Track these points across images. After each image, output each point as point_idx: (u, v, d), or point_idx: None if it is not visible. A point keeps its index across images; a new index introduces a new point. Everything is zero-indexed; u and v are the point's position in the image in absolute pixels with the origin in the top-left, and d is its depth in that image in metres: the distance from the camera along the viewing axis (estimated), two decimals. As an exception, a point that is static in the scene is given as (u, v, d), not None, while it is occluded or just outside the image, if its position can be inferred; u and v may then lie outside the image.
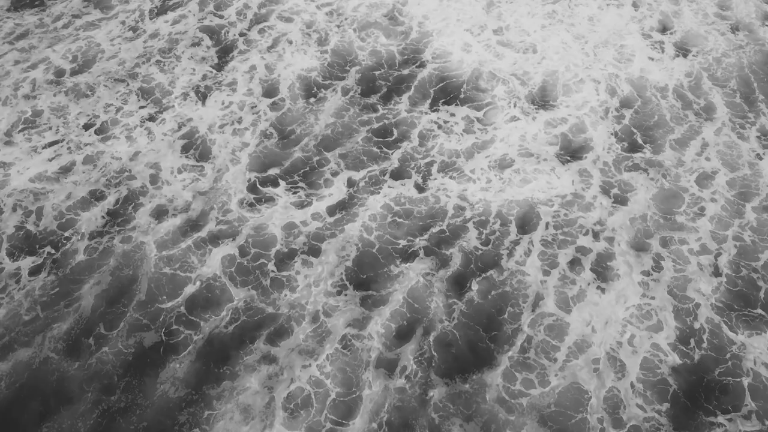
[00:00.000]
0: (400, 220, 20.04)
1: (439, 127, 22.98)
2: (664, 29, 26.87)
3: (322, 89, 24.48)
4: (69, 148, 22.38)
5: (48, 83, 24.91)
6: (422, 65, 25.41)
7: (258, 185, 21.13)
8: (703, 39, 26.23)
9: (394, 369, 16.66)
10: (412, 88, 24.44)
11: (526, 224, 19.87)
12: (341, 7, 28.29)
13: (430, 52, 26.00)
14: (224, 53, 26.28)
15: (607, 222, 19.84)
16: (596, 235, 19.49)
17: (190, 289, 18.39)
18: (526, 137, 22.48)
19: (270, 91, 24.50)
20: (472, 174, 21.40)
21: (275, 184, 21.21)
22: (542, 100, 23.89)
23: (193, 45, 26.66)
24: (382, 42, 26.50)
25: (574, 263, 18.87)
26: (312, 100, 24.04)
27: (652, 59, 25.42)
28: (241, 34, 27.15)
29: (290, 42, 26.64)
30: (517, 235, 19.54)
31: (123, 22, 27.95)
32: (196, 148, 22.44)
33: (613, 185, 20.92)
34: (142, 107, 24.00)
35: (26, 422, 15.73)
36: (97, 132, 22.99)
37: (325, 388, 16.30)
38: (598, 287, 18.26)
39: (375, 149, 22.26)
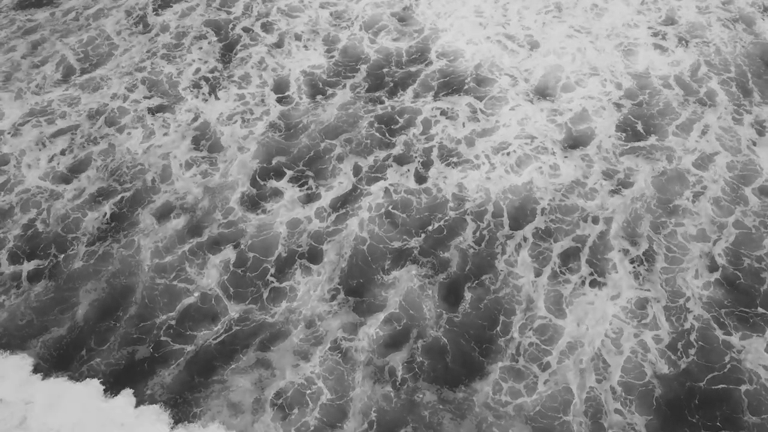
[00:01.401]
0: (400, 213, 19.22)
1: (443, 113, 22.26)
2: (668, 20, 25.83)
3: (328, 86, 23.46)
4: (82, 137, 21.61)
5: (57, 79, 23.91)
6: (428, 60, 24.34)
7: (263, 179, 20.28)
8: (704, 30, 25.26)
9: (384, 371, 16.00)
10: (417, 81, 23.50)
11: (525, 214, 19.10)
12: (349, 6, 27.02)
13: (436, 47, 24.89)
14: (229, 49, 25.15)
15: (607, 206, 19.17)
16: (595, 220, 18.84)
17: (188, 300, 17.57)
18: (527, 125, 21.71)
19: (278, 86, 23.51)
20: (476, 159, 20.76)
21: (281, 175, 20.35)
22: (546, 91, 23.03)
23: (201, 38, 25.54)
24: (389, 40, 25.33)
25: (571, 258, 18.03)
26: (319, 97, 23.05)
27: (657, 49, 24.46)
28: (245, 29, 25.93)
29: (298, 38, 25.50)
30: (510, 230, 18.73)
31: (134, 7, 26.84)
32: (208, 139, 21.68)
33: (616, 170, 20.23)
34: (147, 98, 23.08)
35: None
36: (108, 124, 22.14)
37: (317, 386, 15.69)
38: (594, 282, 17.46)
39: (378, 135, 21.54)
